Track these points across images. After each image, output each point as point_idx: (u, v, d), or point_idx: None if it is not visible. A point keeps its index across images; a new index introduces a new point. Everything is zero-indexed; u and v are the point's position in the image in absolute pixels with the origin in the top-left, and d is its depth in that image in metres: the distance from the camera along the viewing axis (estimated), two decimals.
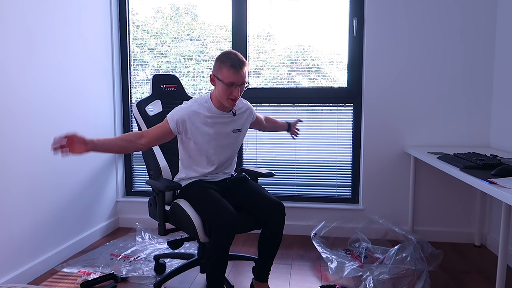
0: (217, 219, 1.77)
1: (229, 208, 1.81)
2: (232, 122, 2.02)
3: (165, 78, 2.34)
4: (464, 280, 2.26)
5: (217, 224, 1.76)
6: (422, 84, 2.82)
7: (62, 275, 2.33)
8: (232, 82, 1.85)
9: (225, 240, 1.75)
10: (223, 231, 1.74)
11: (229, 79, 1.85)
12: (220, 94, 1.89)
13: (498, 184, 1.54)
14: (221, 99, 1.91)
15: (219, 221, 1.76)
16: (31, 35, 2.23)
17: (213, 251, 1.77)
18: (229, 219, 1.75)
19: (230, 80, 1.85)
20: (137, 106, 2.18)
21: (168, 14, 3.21)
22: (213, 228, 1.78)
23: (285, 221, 1.99)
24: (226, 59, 1.86)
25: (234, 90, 1.87)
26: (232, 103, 1.92)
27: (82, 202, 2.74)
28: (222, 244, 1.75)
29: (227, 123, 2.01)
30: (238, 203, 2.00)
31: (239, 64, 1.85)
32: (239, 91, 1.88)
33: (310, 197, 3.09)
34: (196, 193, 1.94)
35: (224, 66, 1.85)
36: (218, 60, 1.90)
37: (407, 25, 2.80)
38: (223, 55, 1.89)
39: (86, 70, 2.76)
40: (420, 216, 2.90)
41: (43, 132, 2.34)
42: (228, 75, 1.84)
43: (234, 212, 1.80)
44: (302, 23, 3.03)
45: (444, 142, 2.84)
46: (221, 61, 1.87)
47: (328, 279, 2.29)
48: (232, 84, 1.85)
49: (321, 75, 3.07)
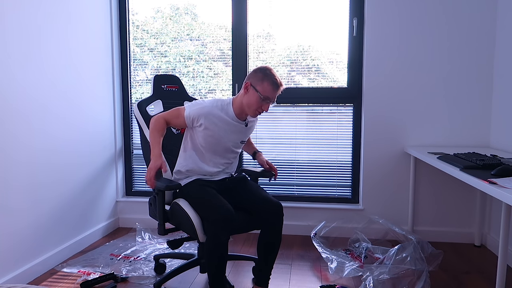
0: (213, 214, 1.79)
1: (225, 203, 1.84)
2: (242, 132, 2.09)
3: (166, 78, 2.35)
4: (464, 280, 2.26)
5: (213, 219, 1.79)
6: (422, 84, 2.82)
7: (62, 275, 2.33)
8: (268, 97, 1.94)
9: (222, 234, 1.77)
10: (219, 225, 1.77)
11: (267, 93, 1.94)
12: (251, 103, 1.97)
13: (498, 184, 1.54)
14: (248, 108, 1.99)
15: (215, 215, 1.78)
16: (31, 35, 2.23)
17: (211, 246, 1.80)
18: (225, 213, 1.78)
19: (268, 94, 1.94)
20: (138, 106, 2.19)
21: (168, 14, 3.21)
22: (209, 223, 1.80)
23: (283, 221, 2.00)
24: (270, 74, 1.95)
25: (265, 105, 1.96)
26: (255, 115, 2.02)
27: (82, 202, 2.74)
28: (219, 238, 1.77)
29: (237, 131, 2.07)
30: (237, 203, 2.01)
31: (280, 84, 1.97)
32: (269, 106, 1.98)
33: (310, 197, 3.09)
34: (194, 190, 1.97)
35: (267, 80, 1.94)
36: (261, 72, 1.97)
37: (407, 25, 2.80)
38: (268, 70, 1.97)
39: (86, 70, 2.76)
40: (420, 216, 2.90)
41: (43, 132, 2.34)
42: (269, 89, 1.94)
43: (231, 208, 1.82)
44: (302, 23, 3.03)
45: (444, 142, 2.84)
46: (264, 74, 1.95)
47: (328, 279, 2.29)
48: (268, 99, 1.95)
49: (321, 75, 3.07)
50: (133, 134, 3.27)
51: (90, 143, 2.81)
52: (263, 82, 1.94)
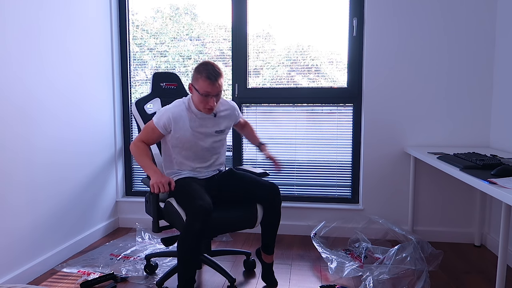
0: (190, 206, 1.82)
1: (204, 196, 1.86)
2: (214, 123, 2.10)
3: (165, 76, 2.35)
4: (464, 280, 2.26)
5: (189, 210, 1.81)
6: (422, 84, 2.82)
7: (62, 275, 2.33)
8: (207, 92, 1.94)
9: (196, 223, 1.77)
10: (195, 216, 1.78)
11: (204, 89, 1.94)
12: (197, 103, 2.00)
13: (498, 184, 1.54)
14: (198, 107, 2.01)
15: (192, 207, 1.80)
16: (31, 34, 2.23)
17: (183, 234, 1.83)
18: (201, 205, 1.79)
19: (206, 90, 1.94)
20: (136, 104, 2.19)
21: (167, 14, 3.21)
22: (187, 215, 1.83)
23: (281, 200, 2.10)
24: (203, 70, 1.96)
25: (210, 100, 1.96)
26: (209, 112, 2.02)
27: (82, 202, 2.74)
28: (193, 227, 1.78)
29: (210, 126, 2.09)
30: (230, 197, 2.10)
31: (215, 76, 1.94)
32: (214, 101, 1.97)
33: (310, 197, 3.09)
34: (178, 187, 1.99)
35: (200, 77, 1.95)
36: (195, 70, 2.00)
37: (407, 25, 2.80)
38: (201, 66, 1.98)
39: (86, 69, 2.75)
40: (420, 216, 2.90)
41: (43, 132, 2.33)
42: (204, 85, 1.94)
43: (209, 200, 1.85)
44: (302, 23, 3.02)
45: (444, 142, 2.84)
46: (198, 72, 1.97)
47: (328, 279, 2.29)
48: (208, 94, 1.95)
49: (321, 75, 3.06)
50: (133, 134, 3.27)
51: (90, 143, 2.81)
52: (198, 80, 1.95)
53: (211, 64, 1.97)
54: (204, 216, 1.78)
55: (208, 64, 1.98)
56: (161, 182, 1.86)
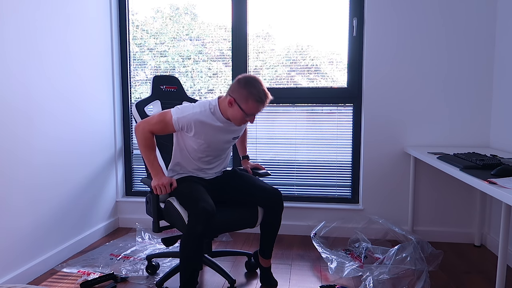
0: (193, 207, 1.80)
1: (207, 198, 1.84)
2: (234, 131, 2.08)
3: (165, 79, 2.35)
4: (464, 280, 2.26)
5: (192, 211, 1.80)
6: (422, 84, 2.82)
7: (62, 275, 2.33)
8: (253, 113, 1.90)
9: (198, 225, 1.76)
10: (198, 218, 1.77)
11: (252, 111, 1.88)
12: (235, 118, 1.92)
13: (498, 184, 1.54)
14: (233, 120, 1.94)
15: (195, 208, 1.79)
16: (30, 35, 2.23)
17: (185, 236, 1.81)
18: (204, 207, 1.77)
19: (254, 112, 1.89)
20: (136, 106, 2.19)
21: (167, 14, 3.21)
22: (189, 216, 1.81)
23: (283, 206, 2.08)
24: (255, 90, 1.85)
25: (251, 118, 1.92)
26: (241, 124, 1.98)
27: (82, 202, 2.74)
28: (195, 229, 1.76)
29: (229, 131, 2.05)
30: (231, 198, 2.08)
31: (265, 97, 1.87)
32: (254, 118, 1.94)
33: (310, 197, 3.09)
34: (183, 186, 1.97)
35: (251, 98, 1.85)
36: (245, 87, 1.86)
37: (407, 25, 2.80)
38: (251, 85, 1.86)
39: (86, 69, 2.75)
40: (420, 216, 2.90)
41: (43, 132, 2.33)
42: (253, 107, 1.87)
43: (212, 203, 1.83)
44: (302, 23, 3.02)
45: (444, 142, 2.84)
46: (249, 93, 1.85)
47: (328, 279, 2.29)
48: (252, 114, 1.91)
49: (321, 75, 3.06)
50: (133, 134, 3.27)
51: (90, 143, 2.81)
52: (248, 101, 1.85)
53: (260, 82, 1.88)
54: (207, 219, 1.77)
55: (258, 82, 1.87)
56: (163, 184, 1.85)
